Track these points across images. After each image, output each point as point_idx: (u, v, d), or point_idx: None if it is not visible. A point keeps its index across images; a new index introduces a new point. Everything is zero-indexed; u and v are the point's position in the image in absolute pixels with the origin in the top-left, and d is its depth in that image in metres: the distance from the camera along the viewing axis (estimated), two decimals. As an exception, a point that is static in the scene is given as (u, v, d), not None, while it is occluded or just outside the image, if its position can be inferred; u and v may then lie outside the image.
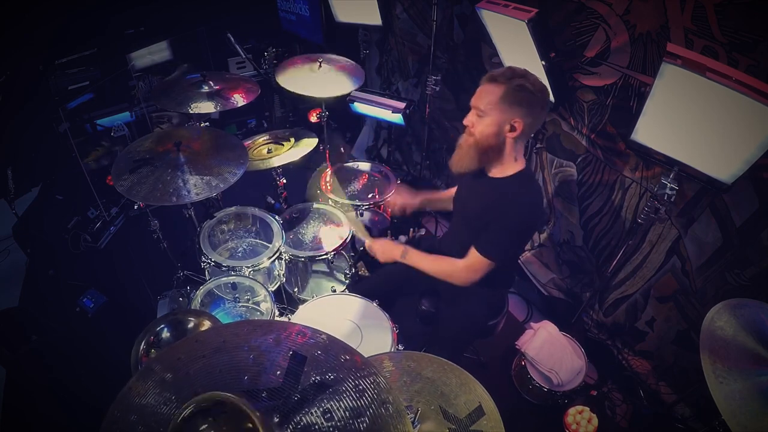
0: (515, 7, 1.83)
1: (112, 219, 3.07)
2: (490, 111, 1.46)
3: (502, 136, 1.48)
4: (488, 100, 1.45)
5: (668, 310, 2.00)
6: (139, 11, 3.27)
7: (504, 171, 1.55)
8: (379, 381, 0.82)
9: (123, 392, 0.80)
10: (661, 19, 1.61)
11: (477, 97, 1.49)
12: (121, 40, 3.23)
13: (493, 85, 1.44)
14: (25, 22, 2.79)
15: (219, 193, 1.80)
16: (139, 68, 3.30)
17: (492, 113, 1.46)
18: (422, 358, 1.32)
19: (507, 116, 1.45)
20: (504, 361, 2.29)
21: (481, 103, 1.47)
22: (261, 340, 0.88)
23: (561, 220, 2.42)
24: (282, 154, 2.35)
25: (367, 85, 3.60)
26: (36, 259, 2.87)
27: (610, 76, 1.88)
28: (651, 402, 2.10)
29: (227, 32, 2.84)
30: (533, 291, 2.68)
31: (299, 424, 0.77)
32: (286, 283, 2.25)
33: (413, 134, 3.45)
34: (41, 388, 2.10)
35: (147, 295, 2.50)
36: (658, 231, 1.92)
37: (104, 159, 3.26)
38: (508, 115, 1.44)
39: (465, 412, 1.20)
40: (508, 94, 1.42)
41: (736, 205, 1.61)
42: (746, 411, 1.05)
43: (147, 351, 1.52)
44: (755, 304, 1.29)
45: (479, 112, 1.48)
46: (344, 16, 3.05)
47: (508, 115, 1.44)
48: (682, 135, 1.47)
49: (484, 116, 1.47)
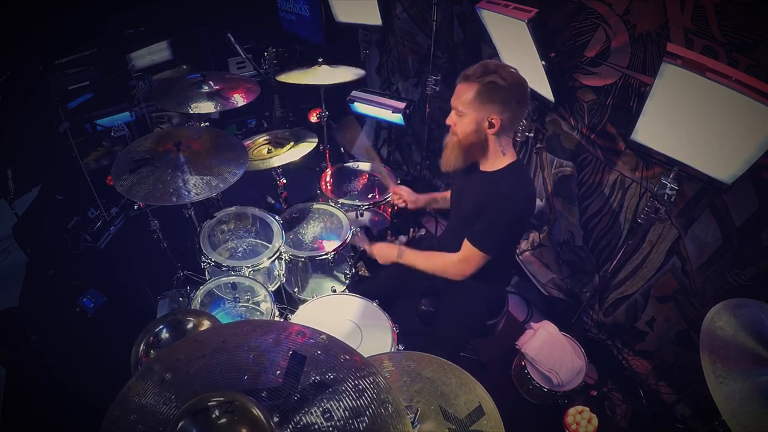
0: (515, 7, 1.83)
1: (112, 219, 3.07)
2: (467, 110, 1.49)
3: (482, 133, 1.51)
4: (464, 100, 1.48)
5: (668, 310, 2.00)
6: (139, 11, 3.27)
7: (494, 165, 1.58)
8: (379, 381, 0.82)
9: (123, 392, 0.81)
10: (661, 19, 1.61)
11: (455, 96, 1.52)
12: (121, 40, 3.23)
13: (467, 83, 1.47)
14: (25, 22, 2.79)
15: (219, 193, 1.80)
16: (139, 68, 3.29)
17: (469, 112, 1.49)
18: (422, 358, 1.32)
19: (483, 114, 1.47)
20: (504, 361, 2.29)
21: (458, 103, 1.50)
22: (261, 340, 0.89)
23: (561, 220, 2.42)
24: (282, 154, 2.35)
25: (367, 85, 3.60)
26: (36, 259, 2.87)
27: (610, 76, 1.88)
28: (651, 402, 2.10)
29: (227, 32, 2.84)
30: (533, 291, 2.68)
31: (299, 424, 0.77)
32: (286, 283, 2.25)
33: (413, 134, 3.45)
34: (41, 388, 2.10)
35: (147, 295, 2.50)
36: (658, 231, 1.92)
37: (104, 159, 3.26)
38: (485, 113, 1.47)
39: (465, 412, 1.20)
40: (481, 92, 1.44)
41: (736, 205, 1.61)
42: (746, 411, 1.05)
43: (147, 351, 1.52)
44: (755, 304, 1.29)
45: (458, 112, 1.52)
46: (344, 16, 3.05)
47: (485, 112, 1.47)
48: (682, 135, 1.47)
49: (463, 116, 1.51)
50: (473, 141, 1.53)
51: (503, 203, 1.52)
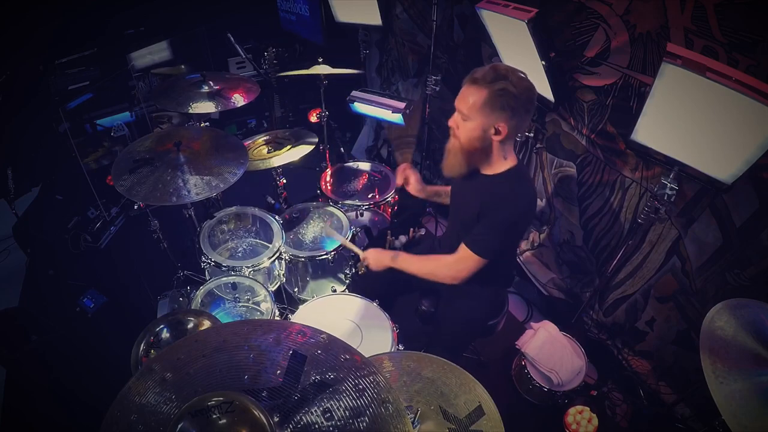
0: (515, 7, 1.83)
1: (112, 219, 3.07)
2: (474, 115, 1.43)
3: (487, 139, 1.46)
4: (471, 105, 1.42)
5: (668, 310, 2.00)
6: (139, 11, 3.27)
7: (494, 169, 1.55)
8: (379, 380, 0.82)
9: (123, 392, 0.81)
10: (661, 19, 1.61)
11: (460, 99, 1.45)
12: (121, 40, 3.23)
13: (475, 87, 1.41)
14: (25, 22, 2.79)
15: (219, 193, 1.80)
16: (139, 68, 3.29)
17: (475, 117, 1.43)
18: (422, 358, 1.32)
19: (491, 120, 1.42)
20: (504, 361, 2.29)
21: (464, 107, 1.44)
22: (261, 339, 0.89)
23: (561, 220, 2.42)
24: (282, 154, 2.35)
25: (367, 85, 3.60)
26: (36, 259, 2.87)
27: (610, 76, 1.88)
28: (651, 402, 2.10)
29: (227, 32, 2.84)
30: (533, 291, 2.68)
31: (299, 424, 0.77)
32: (286, 283, 2.25)
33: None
34: (41, 388, 2.10)
35: (147, 295, 2.50)
36: (658, 231, 1.92)
37: (104, 159, 3.26)
38: (492, 120, 1.42)
39: (465, 412, 1.20)
40: (490, 98, 1.39)
41: (736, 205, 1.61)
42: (746, 411, 1.05)
43: (147, 351, 1.52)
44: (755, 304, 1.29)
45: (463, 116, 1.46)
46: (344, 16, 3.05)
47: (492, 119, 1.42)
48: (682, 135, 1.47)
49: (468, 120, 1.45)
50: (477, 146, 1.48)
51: (502, 207, 1.49)
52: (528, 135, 2.31)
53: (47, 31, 2.88)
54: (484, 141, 1.47)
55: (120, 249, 2.98)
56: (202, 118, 2.46)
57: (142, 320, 1.69)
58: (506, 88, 1.37)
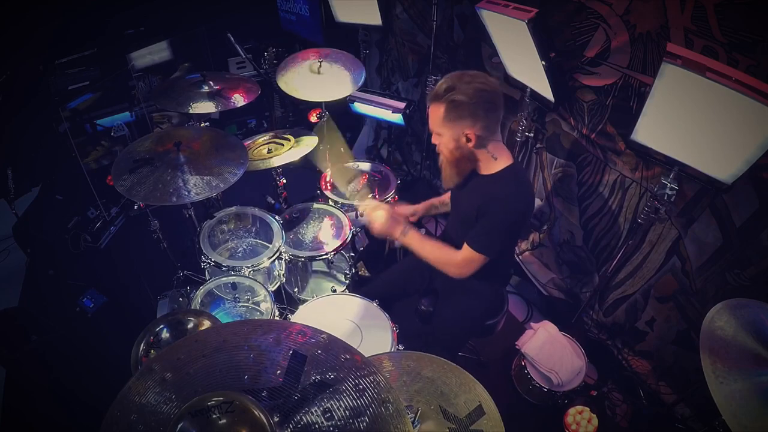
0: (515, 7, 1.83)
1: (112, 219, 3.07)
2: (442, 130, 1.51)
3: (464, 148, 1.52)
4: (435, 121, 1.50)
5: (668, 310, 2.00)
6: (139, 11, 3.27)
7: (489, 169, 1.58)
8: (379, 380, 0.82)
9: (123, 392, 0.80)
10: (661, 19, 1.61)
11: (429, 119, 1.53)
12: (121, 40, 3.23)
13: (435, 105, 1.48)
14: (25, 22, 2.79)
15: (219, 193, 1.80)
16: (139, 68, 3.29)
17: (444, 132, 1.50)
18: (422, 357, 1.32)
19: (457, 131, 1.48)
20: (504, 361, 2.29)
21: (432, 125, 1.52)
22: (261, 339, 0.88)
23: (561, 220, 2.42)
24: (282, 154, 2.34)
25: (367, 85, 3.60)
26: (36, 259, 2.87)
27: (610, 76, 1.88)
28: (651, 402, 2.10)
29: (227, 32, 2.84)
30: (533, 291, 2.68)
31: (299, 423, 0.77)
32: (286, 283, 2.25)
33: (413, 134, 3.45)
34: (41, 388, 2.10)
35: (147, 295, 2.50)
36: (658, 231, 1.92)
37: (104, 159, 3.26)
38: (458, 130, 1.48)
39: (465, 412, 1.20)
40: (447, 112, 1.45)
41: (736, 205, 1.61)
42: (746, 411, 1.05)
43: (147, 351, 1.52)
44: (755, 304, 1.29)
45: (436, 133, 1.54)
46: (344, 16, 3.05)
47: (458, 129, 1.47)
48: (682, 135, 1.47)
49: (441, 135, 1.52)
50: (458, 156, 1.54)
51: (500, 206, 1.52)
52: (528, 135, 2.32)
53: (47, 31, 2.88)
54: (462, 150, 1.52)
55: (120, 249, 2.98)
56: (202, 118, 2.46)
57: (142, 320, 1.69)
58: (455, 99, 1.42)
